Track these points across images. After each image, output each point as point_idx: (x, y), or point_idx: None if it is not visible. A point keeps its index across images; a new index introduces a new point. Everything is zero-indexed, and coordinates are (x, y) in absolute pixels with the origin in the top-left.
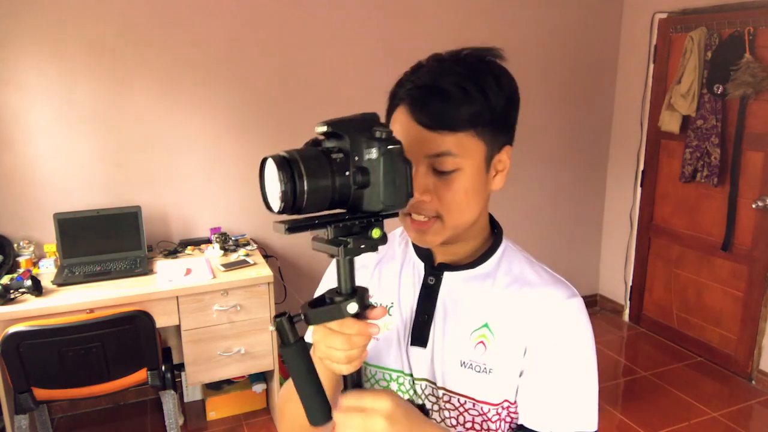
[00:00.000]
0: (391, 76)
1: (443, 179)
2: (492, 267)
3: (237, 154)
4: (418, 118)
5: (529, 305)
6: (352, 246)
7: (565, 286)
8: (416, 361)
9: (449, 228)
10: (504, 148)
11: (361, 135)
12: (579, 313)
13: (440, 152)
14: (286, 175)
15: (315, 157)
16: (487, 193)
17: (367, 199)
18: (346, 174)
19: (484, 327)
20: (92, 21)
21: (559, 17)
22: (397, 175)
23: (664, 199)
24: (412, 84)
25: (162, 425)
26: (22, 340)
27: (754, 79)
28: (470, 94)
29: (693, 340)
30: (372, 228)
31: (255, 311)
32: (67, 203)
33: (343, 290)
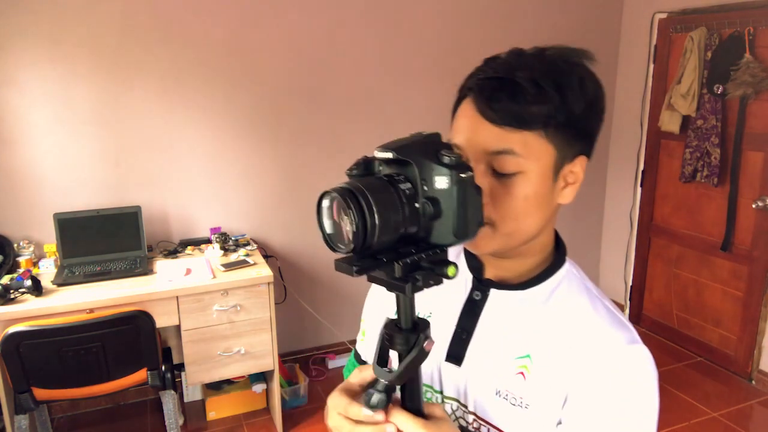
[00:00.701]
0: (391, 76)
1: (502, 181)
2: (546, 292)
3: (237, 153)
4: (483, 110)
5: (578, 345)
6: (421, 283)
7: (625, 329)
8: (448, 379)
9: (501, 236)
10: (578, 158)
11: (429, 160)
12: (638, 364)
13: (502, 150)
14: (356, 210)
15: (382, 188)
16: (552, 206)
17: (437, 232)
18: (415, 206)
19: (527, 357)
20: (92, 21)
21: (559, 17)
22: (470, 205)
23: (664, 199)
24: (483, 74)
25: (162, 425)
26: (22, 340)
27: (754, 79)
28: (545, 91)
29: (693, 340)
30: (446, 266)
31: (255, 311)
32: (67, 203)
33: (403, 324)
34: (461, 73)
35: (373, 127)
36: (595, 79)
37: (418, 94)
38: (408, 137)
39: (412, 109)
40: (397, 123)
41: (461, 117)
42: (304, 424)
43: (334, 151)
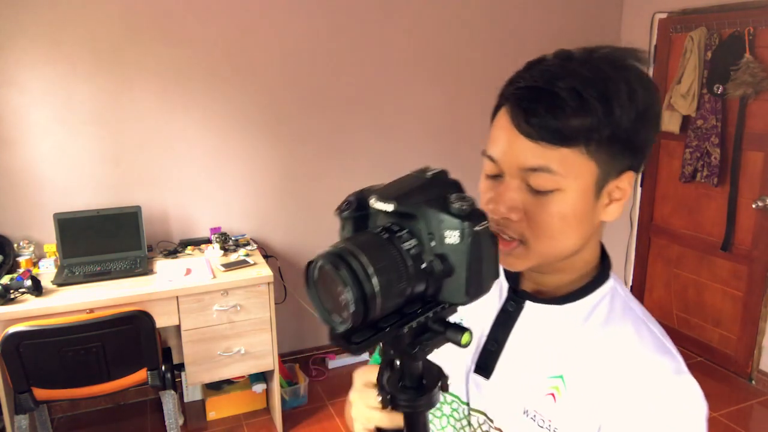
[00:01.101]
0: (391, 76)
1: (538, 198)
2: (586, 309)
3: (237, 153)
4: (518, 124)
5: (617, 371)
6: (429, 349)
7: (671, 356)
8: (476, 392)
9: (535, 255)
10: (625, 173)
11: (437, 210)
12: (683, 397)
13: (536, 167)
14: (350, 278)
15: (381, 248)
16: (594, 224)
17: (447, 291)
18: (422, 266)
19: (559, 378)
20: (92, 21)
21: (559, 17)
22: (485, 260)
23: (664, 199)
24: (522, 83)
25: (162, 425)
26: (22, 340)
27: (754, 79)
28: (588, 103)
29: (693, 340)
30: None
31: (255, 311)
32: (67, 203)
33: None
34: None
35: (373, 127)
36: (648, 84)
37: (418, 94)
38: (409, 179)
39: (412, 109)
40: (396, 123)
41: (497, 128)
42: (304, 424)
43: (334, 151)
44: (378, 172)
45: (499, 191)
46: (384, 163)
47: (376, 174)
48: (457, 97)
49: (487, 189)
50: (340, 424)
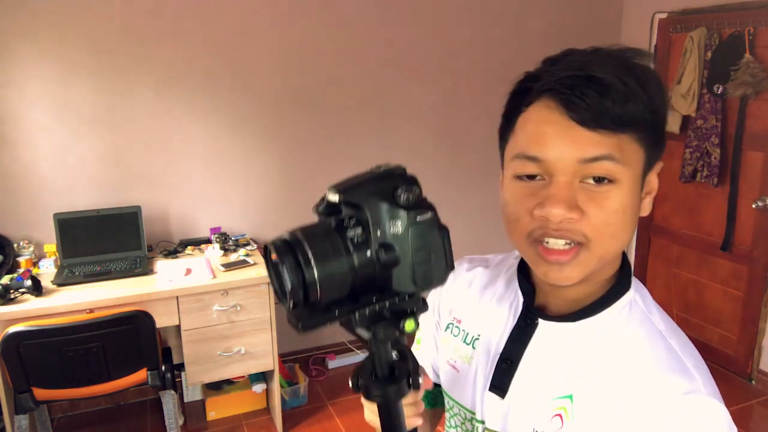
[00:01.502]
0: (391, 76)
1: (596, 193)
2: (601, 325)
3: (237, 153)
4: (572, 112)
5: (626, 392)
6: (382, 336)
7: (687, 375)
8: (490, 410)
9: (595, 258)
10: (656, 164)
11: (383, 202)
12: (696, 420)
13: (599, 155)
14: (291, 264)
15: (324, 236)
16: (637, 219)
17: (397, 280)
18: (367, 254)
19: (567, 398)
20: (92, 21)
21: (559, 17)
22: (432, 250)
23: (664, 199)
24: (557, 73)
25: (162, 425)
26: (22, 340)
27: (754, 79)
28: (632, 88)
29: (693, 340)
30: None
31: (255, 311)
32: (67, 203)
33: (381, 375)
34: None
35: (372, 126)
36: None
37: (418, 94)
38: (364, 173)
39: (412, 110)
40: (396, 123)
41: (536, 124)
42: (304, 424)
43: (334, 150)
44: None
45: (549, 193)
46: (384, 161)
47: None
48: (458, 98)
49: (524, 196)
50: (340, 424)
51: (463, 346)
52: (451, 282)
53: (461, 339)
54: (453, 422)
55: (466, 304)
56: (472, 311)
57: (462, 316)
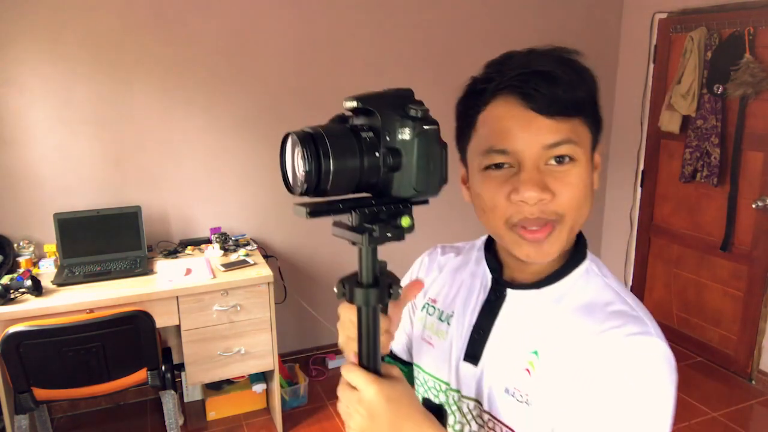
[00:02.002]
0: (391, 76)
1: (560, 173)
2: (561, 290)
3: (237, 153)
4: (531, 103)
5: (586, 337)
6: (377, 234)
7: (638, 322)
8: (465, 379)
9: (566, 231)
10: (598, 144)
11: (395, 112)
12: (645, 354)
13: (560, 140)
14: (311, 153)
15: (342, 135)
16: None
17: (397, 184)
18: (375, 155)
19: (533, 354)
20: (92, 21)
21: (559, 17)
22: (432, 158)
23: (664, 199)
24: (508, 72)
25: (162, 425)
26: (22, 340)
27: (754, 79)
28: (574, 79)
29: (693, 340)
30: (401, 215)
31: (255, 311)
32: (67, 203)
33: (364, 280)
34: (460, 74)
35: None
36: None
37: (418, 94)
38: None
39: None
40: None
41: (497, 120)
42: (304, 424)
43: None
44: None
45: (522, 179)
46: None
47: None
48: (455, 99)
49: (497, 185)
50: (340, 424)
51: (438, 323)
52: (427, 265)
53: (436, 317)
54: (428, 396)
55: (440, 286)
56: (445, 291)
57: (436, 296)
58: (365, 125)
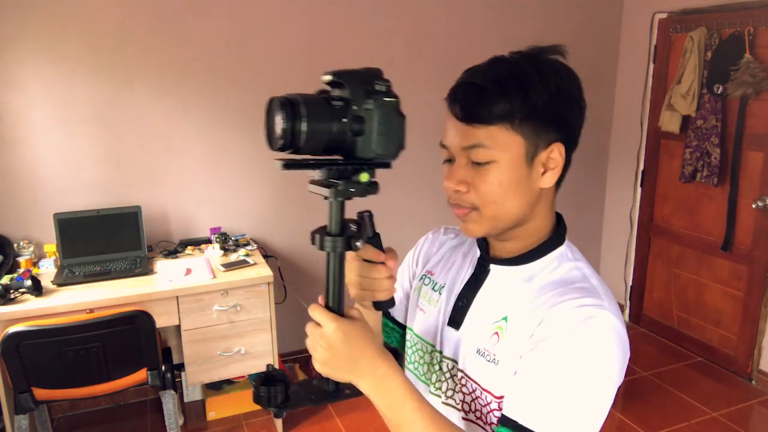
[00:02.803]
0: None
1: (479, 171)
2: (535, 270)
3: (237, 153)
4: (454, 112)
5: (546, 307)
6: (342, 188)
7: (594, 297)
8: (447, 341)
9: (487, 219)
10: (554, 144)
11: (362, 86)
12: (593, 323)
13: (473, 144)
14: (287, 115)
15: (316, 102)
16: (533, 190)
17: (361, 147)
18: (343, 121)
19: (503, 320)
20: (92, 21)
21: (559, 17)
22: (391, 126)
23: (664, 199)
24: (457, 82)
25: (162, 425)
26: (22, 340)
27: (754, 79)
28: (507, 89)
29: (693, 340)
30: (361, 172)
31: (255, 311)
32: (67, 203)
33: (332, 231)
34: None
35: None
36: (561, 72)
37: (417, 94)
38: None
39: (412, 110)
40: None
41: (445, 120)
42: (304, 424)
43: None
44: (377, 171)
45: (450, 171)
46: None
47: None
48: None
49: (445, 173)
50: (340, 424)
51: (431, 292)
52: (430, 241)
53: (431, 287)
54: (415, 357)
55: (438, 260)
56: (441, 265)
57: (433, 268)
58: (337, 96)
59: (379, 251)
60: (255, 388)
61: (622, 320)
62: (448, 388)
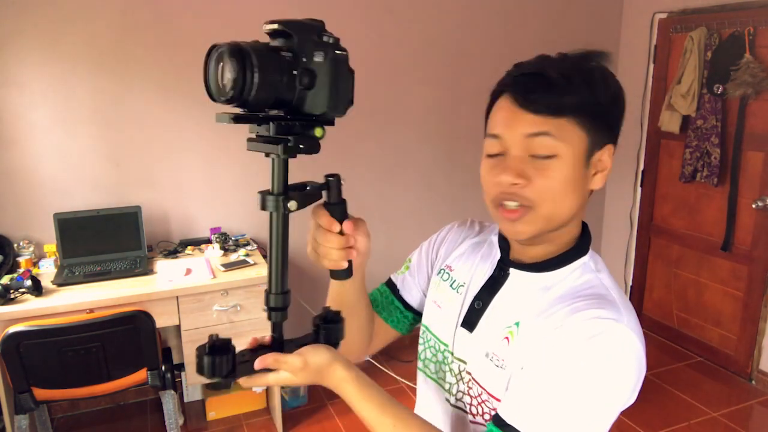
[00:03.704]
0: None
1: (539, 164)
2: (554, 279)
3: (237, 153)
4: (521, 102)
5: (562, 316)
6: (292, 144)
7: (613, 310)
8: (460, 342)
9: (541, 218)
10: (606, 146)
11: (310, 38)
12: (607, 337)
13: (539, 131)
14: (238, 65)
15: (266, 53)
16: (585, 191)
17: (310, 102)
18: (293, 73)
19: (515, 325)
20: (92, 20)
21: (559, 17)
22: (341, 81)
23: (664, 199)
24: (517, 72)
25: (162, 425)
26: (22, 340)
27: (754, 79)
28: (574, 83)
29: (693, 340)
30: (314, 127)
31: (255, 311)
32: (67, 203)
33: (275, 190)
34: (460, 75)
35: (372, 126)
36: (613, 77)
37: (417, 94)
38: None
39: (410, 110)
40: (395, 123)
41: (498, 111)
42: (304, 424)
43: (333, 150)
44: (376, 170)
45: (504, 164)
46: (382, 162)
47: (375, 173)
48: (457, 98)
49: (490, 167)
50: (340, 424)
51: (449, 290)
52: (455, 232)
53: (449, 284)
54: (427, 354)
55: (458, 255)
56: (461, 262)
57: (453, 264)
58: (284, 47)
59: (332, 220)
60: (198, 359)
61: (641, 336)
62: (458, 390)
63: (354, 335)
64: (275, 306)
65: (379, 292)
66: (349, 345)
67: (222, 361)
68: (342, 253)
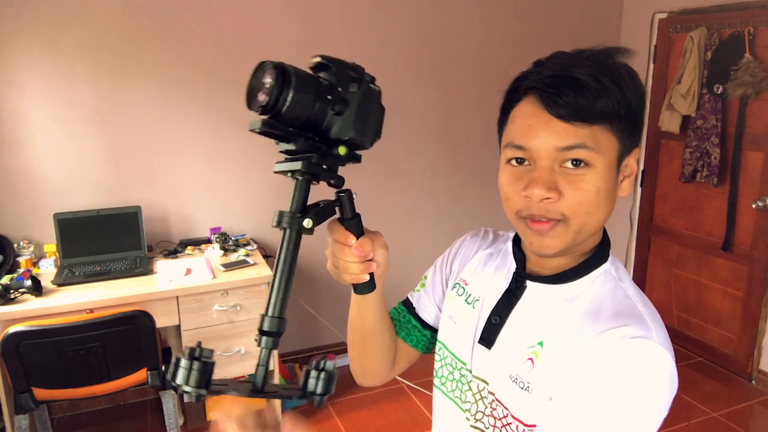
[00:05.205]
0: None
1: (573, 176)
2: (577, 290)
3: (237, 153)
4: (550, 108)
5: (588, 336)
6: (315, 160)
7: (642, 326)
8: (478, 360)
9: (572, 232)
10: (634, 150)
11: (349, 72)
12: (639, 358)
13: (574, 144)
14: (277, 79)
15: (307, 76)
16: (615, 200)
17: (338, 127)
18: (327, 98)
19: (539, 344)
20: (92, 20)
21: (559, 17)
22: (371, 113)
23: (664, 199)
24: (541, 74)
25: (162, 425)
26: (22, 340)
27: (754, 79)
28: (606, 86)
29: (693, 340)
30: (338, 146)
31: (255, 311)
32: (67, 203)
33: (294, 208)
34: (460, 75)
35: None
36: (637, 75)
37: (417, 95)
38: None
39: (410, 111)
40: (396, 123)
41: (522, 117)
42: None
43: None
44: (375, 170)
45: (533, 176)
46: (381, 162)
47: (374, 173)
48: (457, 99)
49: (514, 179)
50: (340, 424)
51: (464, 305)
52: (467, 243)
53: (464, 299)
54: (443, 372)
55: (473, 268)
56: (476, 275)
57: (468, 277)
58: (325, 77)
59: (348, 234)
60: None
61: (671, 349)
62: (477, 410)
63: (377, 355)
64: (269, 330)
65: (396, 311)
66: (373, 365)
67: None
68: (362, 266)
